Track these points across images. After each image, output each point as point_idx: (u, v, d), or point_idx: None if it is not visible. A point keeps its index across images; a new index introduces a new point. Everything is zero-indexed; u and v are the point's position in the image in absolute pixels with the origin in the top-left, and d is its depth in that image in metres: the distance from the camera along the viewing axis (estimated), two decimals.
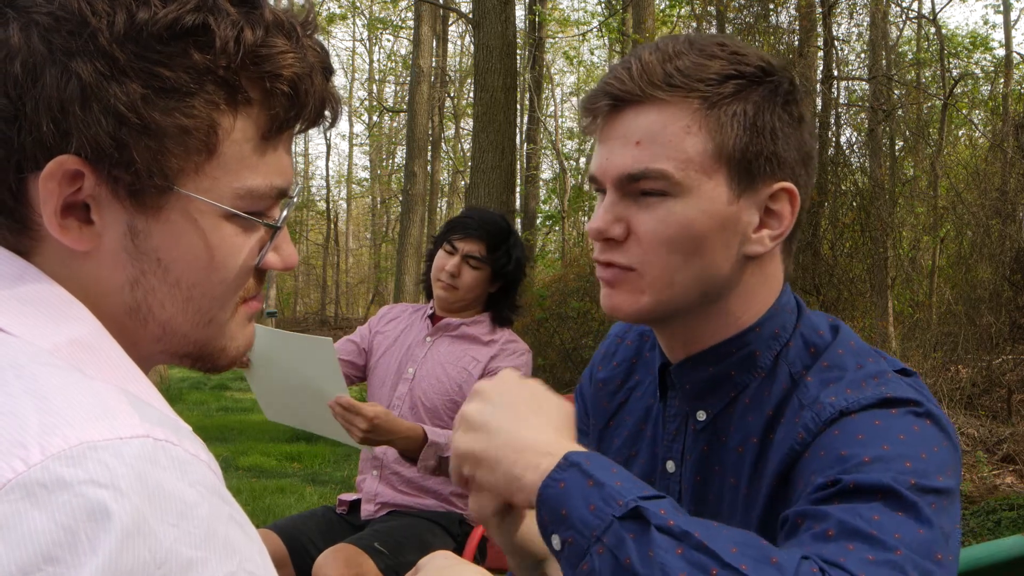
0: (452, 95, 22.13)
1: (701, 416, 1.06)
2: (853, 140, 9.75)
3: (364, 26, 25.90)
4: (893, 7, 11.09)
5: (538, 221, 17.95)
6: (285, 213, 0.76)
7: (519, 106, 15.53)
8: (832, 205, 8.81)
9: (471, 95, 18.14)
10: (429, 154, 17.20)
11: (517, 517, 0.94)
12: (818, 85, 9.30)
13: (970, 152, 11.11)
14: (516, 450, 0.86)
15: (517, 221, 15.53)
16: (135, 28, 0.66)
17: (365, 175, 32.62)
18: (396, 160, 28.73)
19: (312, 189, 31.81)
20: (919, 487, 0.84)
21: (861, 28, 10.73)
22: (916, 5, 13.12)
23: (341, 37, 39.46)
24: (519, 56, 13.18)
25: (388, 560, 2.25)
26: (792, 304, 1.06)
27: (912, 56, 13.02)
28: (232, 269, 0.73)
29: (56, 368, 0.62)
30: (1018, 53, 14.59)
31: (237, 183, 0.71)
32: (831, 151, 8.95)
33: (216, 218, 0.71)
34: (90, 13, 0.65)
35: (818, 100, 9.14)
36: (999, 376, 7.14)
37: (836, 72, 9.51)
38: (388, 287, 25.01)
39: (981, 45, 15.12)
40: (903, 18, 11.87)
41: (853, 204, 8.95)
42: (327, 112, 0.77)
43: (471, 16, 7.82)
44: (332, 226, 29.69)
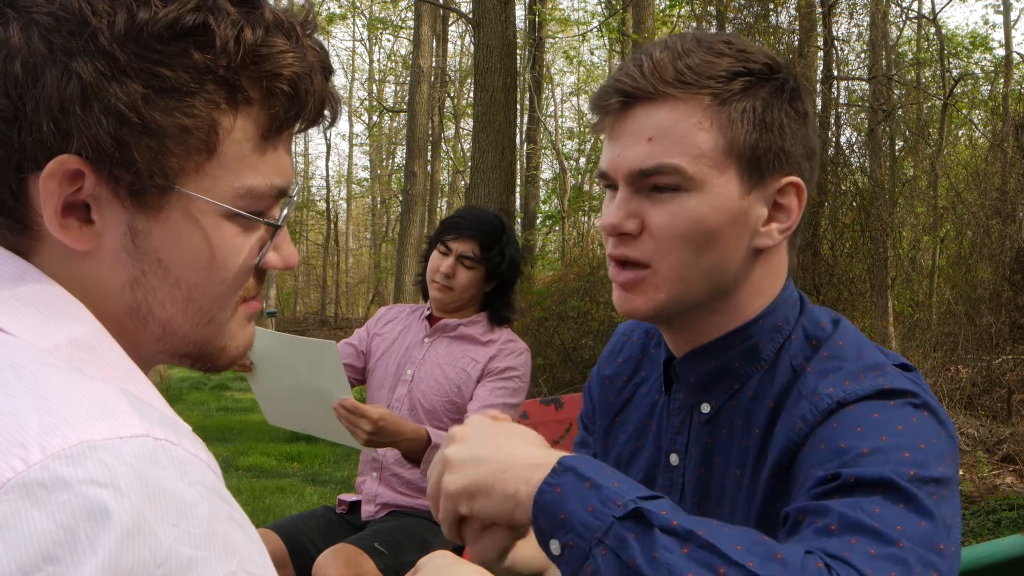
0: (452, 95, 22.12)
1: (705, 409, 1.07)
2: (853, 140, 9.75)
3: (364, 26, 25.91)
4: (893, 7, 11.09)
5: (538, 221, 17.94)
6: (285, 212, 0.76)
7: (519, 106, 15.53)
8: (832, 205, 8.81)
9: (471, 95, 18.15)
10: (429, 154, 17.20)
11: (518, 550, 0.95)
12: (818, 85, 9.30)
13: (970, 152, 11.11)
14: (505, 469, 0.86)
15: (517, 221, 15.53)
16: (135, 28, 0.66)
17: (365, 175, 32.64)
18: (396, 160, 28.73)
19: (312, 189, 31.81)
20: (918, 478, 0.84)
21: (861, 28, 10.74)
22: (916, 5, 13.13)
23: (341, 37, 39.52)
24: (519, 56, 13.18)
25: (388, 560, 2.25)
26: (795, 297, 1.07)
27: (912, 56, 13.01)
28: (232, 268, 0.73)
29: (56, 368, 0.62)
30: (1018, 53, 14.59)
31: (237, 182, 0.71)
32: (831, 151, 8.94)
33: (216, 217, 0.71)
34: (91, 13, 0.65)
35: (818, 100, 9.13)
36: (999, 376, 7.14)
37: (836, 72, 9.51)
38: (388, 287, 25.00)
39: (981, 45, 15.11)
40: (903, 18, 11.87)
41: (853, 204, 8.95)
42: (327, 112, 0.77)
43: (471, 16, 7.81)
44: (332, 226, 29.68)
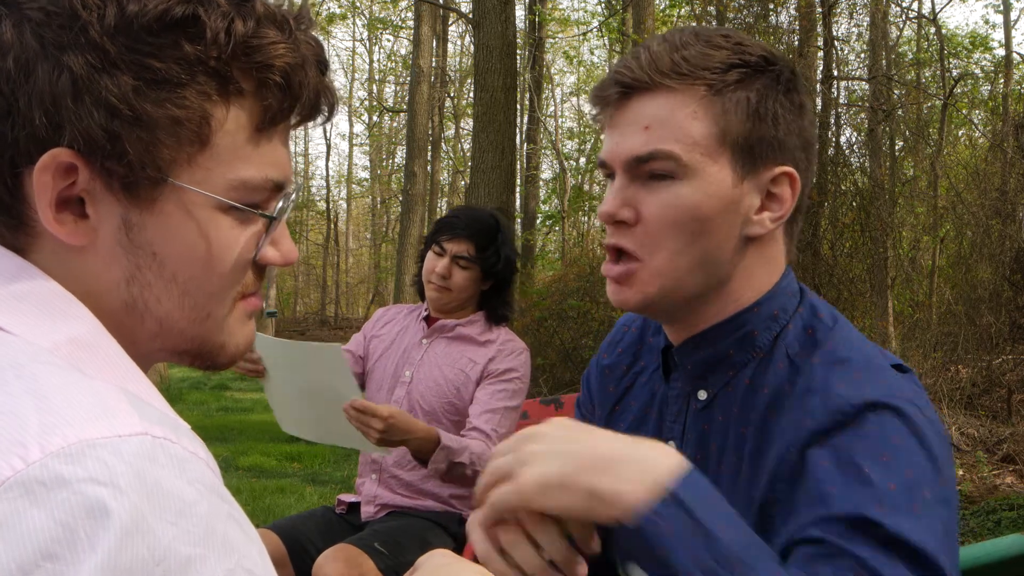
0: (452, 95, 22.12)
1: (702, 396, 1.08)
2: (853, 140, 9.75)
3: (364, 26, 25.91)
4: (893, 7, 11.09)
5: (538, 221, 17.94)
6: (281, 204, 0.76)
7: (519, 106, 15.52)
8: (832, 205, 8.81)
9: (471, 95, 18.14)
10: (429, 154, 17.20)
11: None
12: (818, 85, 9.30)
13: (970, 152, 11.12)
14: (606, 461, 0.84)
15: (517, 221, 15.53)
16: (125, 20, 0.66)
17: (365, 175, 32.65)
18: (396, 160, 28.73)
19: (312, 189, 31.81)
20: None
21: (861, 28, 10.74)
22: (916, 5, 13.12)
23: (341, 37, 39.55)
24: (519, 56, 13.18)
25: (388, 560, 2.24)
26: (794, 288, 1.08)
27: (912, 56, 13.02)
28: (228, 262, 0.73)
29: (56, 367, 0.62)
30: (1018, 53, 14.60)
31: (231, 174, 0.71)
32: (831, 151, 8.94)
33: (211, 210, 0.71)
34: (81, 7, 0.66)
35: (818, 100, 9.13)
36: (999, 376, 7.14)
37: (836, 72, 9.51)
38: (388, 287, 25.00)
39: (981, 45, 15.12)
40: (903, 18, 11.88)
41: (853, 204, 8.95)
42: (323, 106, 0.77)
43: (471, 16, 7.81)
44: (332, 226, 29.69)
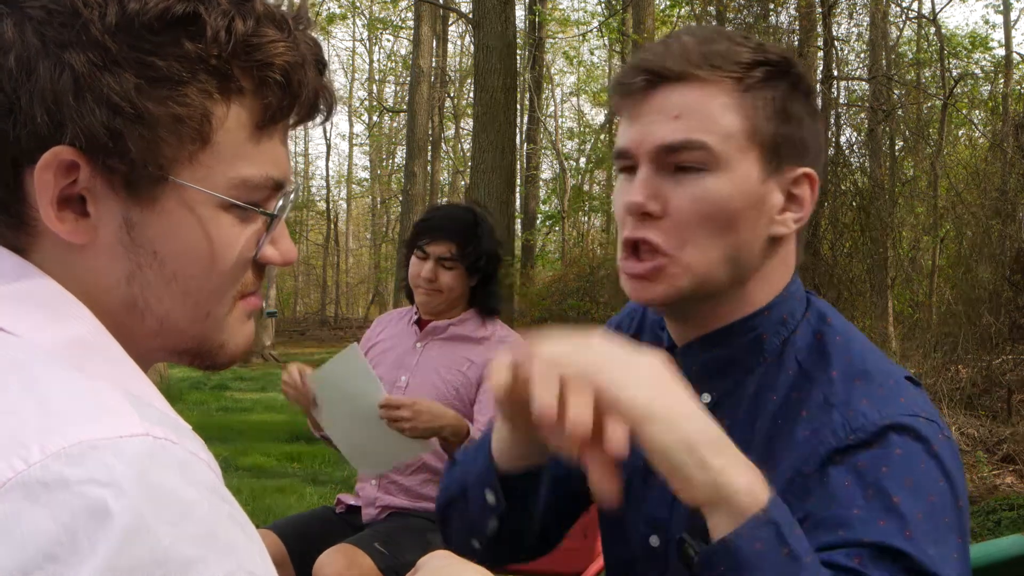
0: (452, 95, 22.13)
1: (706, 399, 1.05)
2: (853, 140, 9.77)
3: (364, 26, 25.88)
4: (893, 7, 11.10)
5: (538, 221, 17.96)
6: (281, 203, 0.76)
7: (519, 106, 15.53)
8: (832, 205, 8.81)
9: (471, 95, 18.13)
10: (429, 154, 17.21)
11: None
12: (818, 85, 9.30)
13: (970, 152, 11.13)
14: (715, 442, 0.82)
15: (517, 221, 15.53)
16: (126, 18, 0.66)
17: (365, 175, 32.65)
18: (396, 160, 28.72)
19: (312, 189, 31.81)
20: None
21: (861, 28, 10.76)
22: (916, 5, 13.11)
23: (341, 37, 39.51)
24: (519, 56, 13.18)
25: (388, 560, 2.24)
26: (801, 293, 1.07)
27: (912, 56, 13.01)
28: (229, 261, 0.73)
29: (56, 367, 0.62)
30: (1018, 53, 14.61)
31: (232, 172, 0.71)
32: (831, 151, 8.95)
33: (212, 208, 0.71)
34: (82, 5, 0.66)
35: (818, 100, 9.13)
36: (999, 376, 7.14)
37: (836, 72, 9.52)
38: (388, 287, 25.00)
39: (981, 45, 15.12)
40: (903, 18, 11.89)
41: (853, 204, 8.96)
42: (322, 105, 0.77)
43: (471, 16, 7.82)
44: (332, 226, 29.69)
